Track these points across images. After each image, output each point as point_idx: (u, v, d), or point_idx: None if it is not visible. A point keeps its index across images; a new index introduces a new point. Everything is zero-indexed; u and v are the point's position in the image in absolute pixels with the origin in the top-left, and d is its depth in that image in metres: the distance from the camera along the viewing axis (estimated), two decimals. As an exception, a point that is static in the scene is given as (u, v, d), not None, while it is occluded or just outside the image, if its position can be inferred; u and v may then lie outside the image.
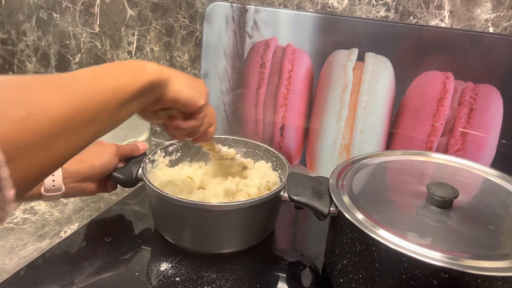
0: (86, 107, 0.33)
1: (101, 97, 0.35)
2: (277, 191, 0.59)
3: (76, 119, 0.32)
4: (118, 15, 0.95)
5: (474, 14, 0.68)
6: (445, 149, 0.70)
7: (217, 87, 0.85)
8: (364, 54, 0.73)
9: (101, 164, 0.62)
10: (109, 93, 0.36)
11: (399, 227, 0.47)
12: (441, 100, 0.69)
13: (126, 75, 0.39)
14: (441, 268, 0.42)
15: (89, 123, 0.34)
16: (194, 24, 0.88)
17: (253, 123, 0.84)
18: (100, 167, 0.62)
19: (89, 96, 0.34)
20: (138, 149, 0.68)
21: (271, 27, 0.78)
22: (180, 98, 0.46)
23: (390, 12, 0.73)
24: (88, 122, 0.33)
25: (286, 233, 0.71)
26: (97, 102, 0.34)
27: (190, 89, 0.47)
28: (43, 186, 0.56)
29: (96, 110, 0.34)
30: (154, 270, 0.58)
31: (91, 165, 0.61)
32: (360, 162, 0.62)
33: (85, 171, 0.60)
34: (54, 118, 0.30)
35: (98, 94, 0.35)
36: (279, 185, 0.61)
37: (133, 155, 0.67)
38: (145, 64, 0.42)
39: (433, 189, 0.51)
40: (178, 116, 0.50)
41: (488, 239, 0.48)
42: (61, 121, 0.30)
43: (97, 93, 0.35)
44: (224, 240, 0.61)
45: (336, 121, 0.77)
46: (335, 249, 0.54)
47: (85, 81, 0.35)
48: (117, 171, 0.64)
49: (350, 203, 0.52)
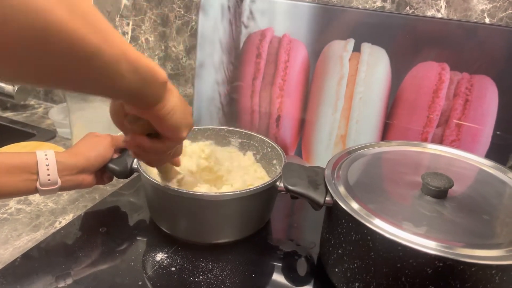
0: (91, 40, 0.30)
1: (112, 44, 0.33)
2: (273, 181, 0.59)
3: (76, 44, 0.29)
4: (112, 5, 0.94)
5: (471, 5, 0.68)
6: (440, 140, 0.71)
7: (213, 77, 0.84)
8: (360, 44, 0.73)
9: (97, 155, 0.61)
10: (119, 47, 0.34)
11: (394, 217, 0.47)
12: (436, 91, 0.69)
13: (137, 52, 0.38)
14: (435, 257, 0.42)
15: (88, 59, 0.31)
16: (189, 14, 0.87)
17: (248, 114, 0.83)
18: (95, 158, 0.61)
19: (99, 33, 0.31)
20: None
21: (267, 17, 0.78)
22: (169, 120, 0.44)
23: (387, 2, 0.72)
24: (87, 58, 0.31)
25: (282, 223, 0.71)
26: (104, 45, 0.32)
27: (182, 115, 0.45)
28: (38, 181, 0.55)
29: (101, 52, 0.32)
30: (149, 260, 0.58)
31: (86, 156, 0.60)
32: (356, 153, 0.62)
33: (81, 163, 0.60)
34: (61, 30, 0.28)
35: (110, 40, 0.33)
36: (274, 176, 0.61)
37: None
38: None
39: (428, 179, 0.51)
40: (143, 133, 0.47)
41: (483, 229, 0.48)
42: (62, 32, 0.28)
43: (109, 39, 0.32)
44: (220, 230, 0.61)
45: (332, 112, 0.77)
46: (330, 239, 0.54)
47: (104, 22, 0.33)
48: (112, 162, 0.64)
49: (346, 193, 0.52)
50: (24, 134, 0.95)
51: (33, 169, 0.55)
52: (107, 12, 0.95)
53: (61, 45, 0.29)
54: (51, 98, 1.12)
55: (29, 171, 0.54)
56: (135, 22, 0.93)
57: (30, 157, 0.55)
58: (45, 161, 0.55)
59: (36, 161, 0.55)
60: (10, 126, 0.98)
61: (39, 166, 0.55)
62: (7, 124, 0.99)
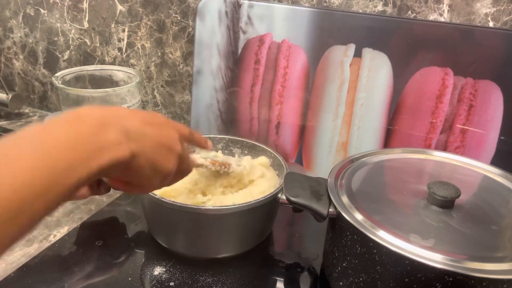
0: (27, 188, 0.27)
1: (47, 177, 0.29)
2: (274, 194, 0.57)
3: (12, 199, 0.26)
4: (107, 11, 0.92)
5: (474, 9, 0.66)
6: (444, 147, 0.69)
7: (211, 84, 0.82)
8: (361, 49, 0.71)
9: None
10: (57, 174, 0.29)
11: (400, 228, 0.46)
12: (440, 97, 0.68)
13: (79, 152, 0.31)
14: (445, 271, 0.41)
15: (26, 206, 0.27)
16: (186, 19, 0.86)
17: (247, 121, 0.82)
18: None
19: (31, 176, 0.28)
20: None
21: (265, 23, 0.76)
22: (143, 172, 0.38)
23: (388, 6, 0.71)
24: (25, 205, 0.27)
25: (284, 235, 0.69)
26: (40, 183, 0.28)
27: (159, 157, 0.40)
28: None
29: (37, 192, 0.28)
30: (147, 275, 0.56)
31: None
32: (359, 161, 0.60)
33: None
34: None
35: (44, 174, 0.28)
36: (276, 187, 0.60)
37: None
38: (104, 135, 0.33)
39: (434, 188, 0.50)
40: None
41: (492, 240, 0.47)
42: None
43: (43, 173, 0.28)
44: (220, 244, 0.59)
45: (333, 119, 0.75)
46: (334, 251, 0.53)
47: (30, 157, 0.28)
48: None
49: (350, 204, 0.50)
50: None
51: None
52: (103, 18, 0.93)
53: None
54: (46, 106, 1.11)
55: None
56: (131, 28, 0.91)
57: None
58: None
59: None
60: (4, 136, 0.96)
61: None
62: (1, 133, 0.97)
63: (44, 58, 1.04)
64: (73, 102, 0.77)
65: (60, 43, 1.00)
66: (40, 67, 1.06)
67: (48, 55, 1.03)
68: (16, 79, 1.11)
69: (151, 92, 0.95)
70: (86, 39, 0.97)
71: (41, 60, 1.05)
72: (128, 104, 0.78)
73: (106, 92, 0.77)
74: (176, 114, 0.95)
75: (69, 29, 0.98)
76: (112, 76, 0.87)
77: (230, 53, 0.80)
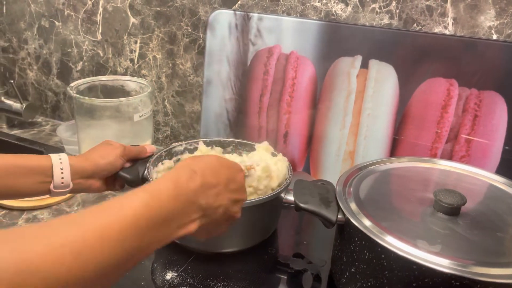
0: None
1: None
2: (277, 192, 0.60)
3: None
4: (120, 23, 0.95)
5: (478, 21, 0.68)
6: (450, 156, 0.70)
7: (220, 94, 0.84)
8: (368, 61, 0.73)
9: (106, 163, 0.62)
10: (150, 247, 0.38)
11: (408, 235, 0.47)
12: (445, 107, 0.69)
13: (170, 229, 0.40)
14: (452, 276, 0.42)
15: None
16: (197, 31, 0.88)
17: (256, 131, 0.84)
18: (104, 165, 0.62)
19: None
20: (145, 151, 0.67)
21: (274, 35, 0.79)
22: (208, 231, 0.47)
23: (394, 19, 0.73)
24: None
25: (291, 241, 0.70)
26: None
27: (227, 217, 0.47)
28: (52, 183, 0.56)
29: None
30: (159, 279, 0.58)
31: (96, 163, 0.61)
32: (366, 169, 0.62)
33: (90, 168, 0.60)
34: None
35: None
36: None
37: (139, 157, 0.67)
38: (189, 216, 0.42)
39: (440, 196, 0.51)
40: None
41: (497, 246, 0.48)
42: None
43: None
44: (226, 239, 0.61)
45: (340, 128, 0.77)
46: (342, 257, 0.54)
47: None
48: (124, 170, 0.64)
49: (358, 210, 0.52)
50: (32, 152, 0.95)
51: (48, 172, 0.55)
52: (116, 30, 0.96)
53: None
54: (58, 115, 1.13)
55: (45, 173, 0.55)
56: (143, 40, 0.94)
57: (45, 160, 0.56)
58: (60, 165, 0.56)
59: (51, 164, 0.55)
60: (17, 144, 0.99)
61: (54, 169, 0.55)
62: (15, 141, 0.99)
63: (57, 68, 1.07)
64: (86, 111, 0.80)
65: (74, 54, 1.03)
66: (54, 77, 1.08)
67: (61, 66, 1.06)
68: (29, 89, 1.13)
69: (161, 102, 0.97)
70: (99, 50, 1.00)
71: (55, 70, 1.08)
72: (140, 113, 0.80)
73: (119, 101, 0.79)
74: (186, 123, 0.97)
75: (82, 40, 1.01)
76: (124, 86, 0.89)
77: (240, 64, 0.82)
